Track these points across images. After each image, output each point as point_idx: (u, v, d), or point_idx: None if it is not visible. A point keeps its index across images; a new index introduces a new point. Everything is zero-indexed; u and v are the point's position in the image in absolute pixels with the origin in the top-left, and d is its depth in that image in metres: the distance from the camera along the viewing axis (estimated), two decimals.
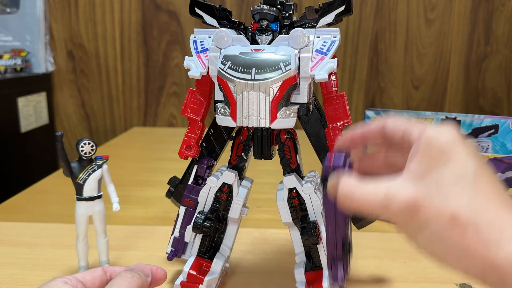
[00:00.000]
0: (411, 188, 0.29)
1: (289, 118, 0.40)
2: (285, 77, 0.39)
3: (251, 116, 0.40)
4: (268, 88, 0.39)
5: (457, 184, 0.28)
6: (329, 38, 0.41)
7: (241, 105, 0.40)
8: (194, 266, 0.47)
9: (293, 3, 0.43)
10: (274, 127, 0.40)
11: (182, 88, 1.42)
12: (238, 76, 0.39)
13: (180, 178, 0.51)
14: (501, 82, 1.39)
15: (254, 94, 0.39)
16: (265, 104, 0.39)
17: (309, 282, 0.45)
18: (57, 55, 1.40)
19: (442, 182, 0.29)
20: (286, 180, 0.45)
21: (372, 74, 1.40)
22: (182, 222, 0.48)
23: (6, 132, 1.15)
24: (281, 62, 0.39)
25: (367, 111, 0.67)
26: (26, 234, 0.64)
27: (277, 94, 0.39)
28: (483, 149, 0.60)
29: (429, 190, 0.29)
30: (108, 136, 1.45)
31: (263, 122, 0.40)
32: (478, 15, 1.35)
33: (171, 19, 1.38)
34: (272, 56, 0.39)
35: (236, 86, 0.40)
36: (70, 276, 0.35)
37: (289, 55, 0.39)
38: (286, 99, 0.40)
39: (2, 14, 1.32)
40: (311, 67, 0.40)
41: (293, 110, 0.40)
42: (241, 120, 0.41)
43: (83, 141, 0.48)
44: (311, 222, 0.44)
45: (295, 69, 0.39)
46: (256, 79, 0.39)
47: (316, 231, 0.43)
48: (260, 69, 0.39)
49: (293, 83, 0.39)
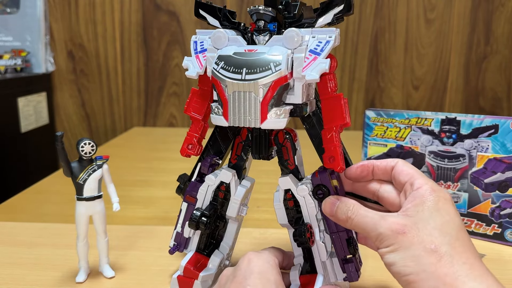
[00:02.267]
0: (403, 220, 0.37)
1: (280, 119, 0.40)
2: (275, 77, 0.39)
3: (242, 116, 0.40)
4: (258, 88, 0.39)
5: (442, 227, 0.36)
6: (324, 38, 0.40)
7: (232, 105, 0.40)
8: (191, 261, 0.47)
9: (299, 3, 0.42)
10: (264, 127, 0.40)
11: (182, 88, 1.42)
12: (229, 76, 0.40)
13: (189, 175, 0.51)
14: (501, 82, 1.39)
15: (244, 94, 0.40)
16: (255, 104, 0.39)
17: (302, 284, 0.45)
18: (57, 55, 1.40)
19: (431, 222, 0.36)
20: (281, 181, 0.45)
21: (372, 74, 1.40)
22: (183, 218, 0.49)
23: (6, 132, 1.16)
24: (271, 62, 0.39)
25: (367, 111, 0.67)
26: (26, 234, 0.64)
27: (267, 94, 0.39)
28: (483, 149, 0.60)
29: (418, 225, 0.36)
30: (108, 136, 1.45)
31: (253, 122, 0.40)
32: (478, 15, 1.35)
33: (171, 19, 1.38)
34: (264, 56, 0.39)
35: (228, 86, 0.40)
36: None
37: (281, 56, 0.39)
38: (277, 100, 0.40)
39: (2, 14, 1.32)
40: (303, 67, 0.39)
41: (284, 111, 0.40)
42: (232, 119, 0.41)
43: (83, 141, 0.48)
44: (303, 225, 0.43)
45: (286, 69, 0.39)
46: (246, 79, 0.39)
47: (307, 234, 0.43)
48: (251, 69, 0.39)
49: (284, 83, 0.39)
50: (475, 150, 0.61)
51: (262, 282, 0.37)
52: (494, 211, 0.61)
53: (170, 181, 0.60)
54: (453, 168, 0.63)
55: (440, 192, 0.38)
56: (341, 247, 0.43)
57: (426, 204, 0.37)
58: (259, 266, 0.39)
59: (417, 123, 0.64)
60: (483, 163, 0.61)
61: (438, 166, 0.64)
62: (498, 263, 0.56)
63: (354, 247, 0.44)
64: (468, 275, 0.33)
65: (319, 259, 0.44)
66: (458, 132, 0.62)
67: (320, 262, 0.44)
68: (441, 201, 0.37)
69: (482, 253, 0.58)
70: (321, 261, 0.44)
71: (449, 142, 0.63)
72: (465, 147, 0.62)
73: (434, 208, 0.37)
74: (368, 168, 0.44)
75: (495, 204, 0.61)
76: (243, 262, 0.39)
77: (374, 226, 0.37)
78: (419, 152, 0.65)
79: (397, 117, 0.65)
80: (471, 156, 0.61)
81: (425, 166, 0.65)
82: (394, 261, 0.36)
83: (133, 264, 0.55)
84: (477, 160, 0.61)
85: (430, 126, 0.63)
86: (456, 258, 0.34)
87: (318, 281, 0.44)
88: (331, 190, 0.43)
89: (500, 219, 0.61)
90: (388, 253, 0.36)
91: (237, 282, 0.37)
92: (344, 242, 0.43)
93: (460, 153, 0.62)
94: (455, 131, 0.62)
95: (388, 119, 0.66)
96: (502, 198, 0.60)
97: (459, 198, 0.63)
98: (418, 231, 0.36)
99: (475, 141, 0.61)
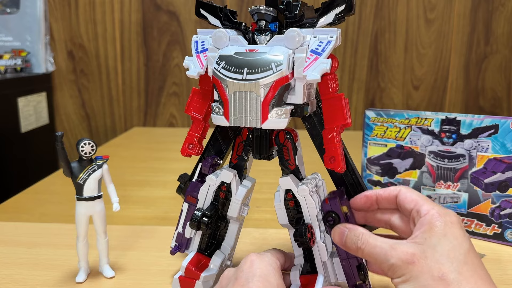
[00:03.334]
0: (412, 248, 0.37)
1: (281, 119, 0.40)
2: (276, 77, 0.39)
3: (243, 116, 0.40)
4: (259, 88, 0.39)
5: (450, 253, 0.36)
6: (325, 38, 0.40)
7: (233, 104, 0.40)
8: (192, 262, 0.47)
9: (300, 3, 0.42)
10: (265, 127, 0.40)
11: (182, 88, 1.42)
12: (230, 76, 0.39)
13: (190, 175, 0.51)
14: (501, 82, 1.39)
15: (245, 94, 0.39)
16: (256, 104, 0.39)
17: (303, 285, 0.44)
18: (57, 55, 1.40)
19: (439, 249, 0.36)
20: (282, 181, 0.45)
21: (372, 74, 1.40)
22: (185, 218, 0.49)
23: (6, 132, 1.15)
24: (272, 62, 0.39)
25: (367, 111, 0.67)
26: (26, 234, 0.64)
27: (268, 94, 0.39)
28: (483, 149, 0.60)
29: (426, 253, 0.36)
30: (108, 136, 1.45)
31: (254, 122, 0.40)
32: (478, 15, 1.35)
33: (171, 19, 1.38)
34: (265, 56, 0.39)
35: (228, 86, 0.40)
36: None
37: (282, 56, 0.39)
38: (278, 100, 0.40)
39: (2, 14, 1.32)
40: (305, 67, 0.39)
41: (285, 111, 0.40)
42: (233, 119, 0.41)
43: (83, 141, 0.48)
44: (304, 225, 0.43)
45: (287, 69, 0.39)
46: (247, 79, 0.39)
47: (308, 234, 0.43)
48: (252, 69, 0.39)
49: (285, 83, 0.39)
50: (475, 150, 0.61)
51: (264, 286, 0.37)
52: (494, 211, 0.61)
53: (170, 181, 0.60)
54: (453, 168, 0.63)
55: (446, 216, 0.38)
56: (351, 273, 0.43)
57: (433, 230, 0.37)
58: (261, 269, 0.39)
59: (417, 123, 0.64)
60: (483, 163, 0.61)
61: (438, 166, 0.64)
62: (498, 263, 0.56)
63: (364, 273, 0.43)
64: None
65: (319, 259, 0.44)
66: (458, 132, 0.62)
67: (320, 262, 0.44)
68: (448, 226, 0.37)
69: (482, 253, 0.58)
70: (322, 261, 0.44)
71: (449, 142, 0.63)
72: (465, 147, 0.62)
73: (441, 234, 0.37)
74: (372, 198, 0.44)
75: (495, 204, 0.61)
76: (245, 264, 0.39)
77: (385, 257, 0.37)
78: (419, 152, 0.65)
79: (397, 117, 0.65)
80: (471, 156, 0.61)
81: (425, 166, 0.65)
82: None
83: (133, 264, 0.55)
84: (477, 160, 0.61)
85: (430, 126, 0.63)
86: (464, 284, 0.34)
87: (318, 281, 0.44)
88: (342, 217, 0.43)
89: (500, 219, 0.61)
90: (401, 284, 0.36)
91: (239, 284, 0.37)
92: (355, 269, 0.43)
93: (460, 153, 0.62)
94: (455, 131, 0.62)
95: (388, 119, 0.66)
96: (502, 198, 0.60)
97: (459, 198, 0.63)
98: (426, 259, 0.36)
99: (475, 141, 0.61)
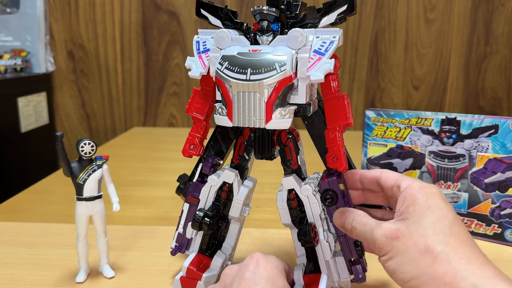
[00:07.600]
0: (396, 224, 0.37)
1: (285, 119, 0.40)
2: (280, 77, 0.39)
3: (246, 116, 0.40)
4: (263, 89, 0.39)
5: (435, 225, 0.35)
6: (328, 39, 0.40)
7: (237, 105, 0.40)
8: (193, 262, 0.47)
9: (300, 3, 0.42)
10: (269, 127, 0.40)
11: (182, 88, 1.42)
12: (234, 76, 0.39)
13: (189, 176, 0.51)
14: (501, 82, 1.39)
15: (249, 95, 0.39)
16: (260, 104, 0.39)
17: (306, 284, 0.45)
18: (57, 55, 1.40)
19: (423, 222, 0.35)
20: (285, 181, 0.45)
21: (372, 74, 1.40)
22: (185, 219, 0.49)
23: (6, 132, 1.15)
24: (276, 62, 0.39)
25: (367, 111, 0.67)
26: (26, 234, 0.64)
27: (272, 94, 0.39)
28: (483, 149, 0.60)
29: (411, 227, 0.35)
30: (108, 136, 1.45)
31: (258, 123, 0.40)
32: (478, 15, 1.35)
33: (171, 19, 1.38)
34: (268, 56, 0.39)
35: (232, 86, 0.40)
36: None
37: (285, 56, 0.39)
38: (281, 100, 0.40)
39: (2, 14, 1.32)
40: (308, 67, 0.39)
41: (289, 111, 0.40)
42: (237, 120, 0.41)
43: (83, 141, 0.48)
44: (308, 225, 0.43)
45: (291, 69, 0.39)
46: (251, 80, 0.39)
47: (312, 234, 0.43)
48: (256, 69, 0.39)
49: (289, 83, 0.39)
50: (475, 150, 0.61)
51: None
52: (494, 211, 0.61)
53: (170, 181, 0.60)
54: (453, 168, 0.63)
55: (428, 188, 0.38)
56: (349, 249, 0.44)
57: (416, 203, 0.36)
58: (268, 271, 0.38)
59: (417, 123, 0.64)
60: (483, 163, 0.61)
61: (438, 166, 0.64)
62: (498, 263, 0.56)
63: (361, 249, 0.44)
64: (466, 269, 0.33)
65: (323, 258, 0.44)
66: (458, 132, 0.62)
67: (324, 261, 0.44)
68: (431, 198, 0.37)
69: None
70: (325, 260, 0.44)
71: (449, 142, 0.63)
72: (465, 147, 0.62)
73: (425, 206, 0.36)
74: (355, 175, 0.44)
75: (495, 204, 0.61)
76: (251, 263, 0.39)
77: (371, 234, 0.37)
78: (419, 152, 0.65)
79: (397, 117, 0.65)
80: (471, 156, 0.61)
81: (425, 166, 0.65)
82: (394, 269, 0.35)
83: (133, 264, 0.55)
84: (477, 160, 0.61)
85: (430, 126, 0.63)
86: (452, 254, 0.33)
87: (322, 281, 0.44)
88: (339, 194, 0.43)
89: (500, 219, 0.61)
90: (387, 261, 0.36)
91: (247, 285, 0.37)
92: (352, 245, 0.44)
93: (460, 153, 0.62)
94: (455, 131, 0.62)
95: (388, 119, 0.66)
96: (502, 198, 0.60)
97: (459, 198, 0.63)
98: (411, 233, 0.35)
99: (475, 141, 0.61)
